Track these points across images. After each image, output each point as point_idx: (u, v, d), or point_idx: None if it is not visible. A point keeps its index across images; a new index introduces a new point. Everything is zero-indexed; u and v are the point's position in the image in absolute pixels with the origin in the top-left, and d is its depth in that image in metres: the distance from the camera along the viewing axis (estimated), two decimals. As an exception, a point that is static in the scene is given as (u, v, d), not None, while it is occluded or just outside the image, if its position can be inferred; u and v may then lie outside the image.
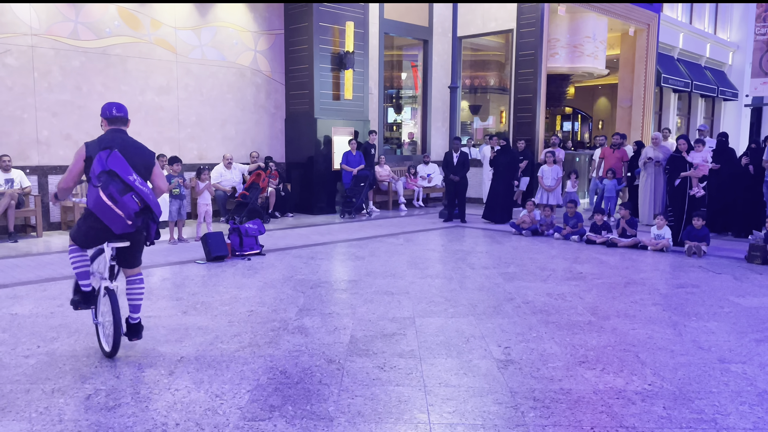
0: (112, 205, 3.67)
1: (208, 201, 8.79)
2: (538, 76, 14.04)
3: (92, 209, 3.77)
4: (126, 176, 3.70)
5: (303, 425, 3.05)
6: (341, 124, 11.96)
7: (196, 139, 10.99)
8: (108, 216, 3.73)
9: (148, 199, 3.77)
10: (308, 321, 4.82)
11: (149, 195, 3.79)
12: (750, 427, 3.08)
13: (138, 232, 3.95)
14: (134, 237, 3.98)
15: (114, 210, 3.69)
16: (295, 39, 11.78)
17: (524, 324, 4.79)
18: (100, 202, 3.68)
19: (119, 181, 3.69)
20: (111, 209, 3.69)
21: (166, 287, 5.93)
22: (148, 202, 3.77)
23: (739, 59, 24.85)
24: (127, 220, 3.74)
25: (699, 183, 8.51)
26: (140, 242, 4.05)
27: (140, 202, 3.75)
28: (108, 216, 3.73)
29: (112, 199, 3.66)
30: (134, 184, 3.72)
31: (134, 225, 3.82)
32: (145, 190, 3.76)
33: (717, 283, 6.31)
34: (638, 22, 16.64)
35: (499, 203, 10.88)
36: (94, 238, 3.94)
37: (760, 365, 3.95)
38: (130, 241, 3.97)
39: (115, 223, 3.75)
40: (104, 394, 3.40)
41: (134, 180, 3.73)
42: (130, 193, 3.70)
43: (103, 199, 3.67)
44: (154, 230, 4.02)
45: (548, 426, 3.07)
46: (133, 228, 3.85)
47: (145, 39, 10.20)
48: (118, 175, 3.69)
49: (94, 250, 4.12)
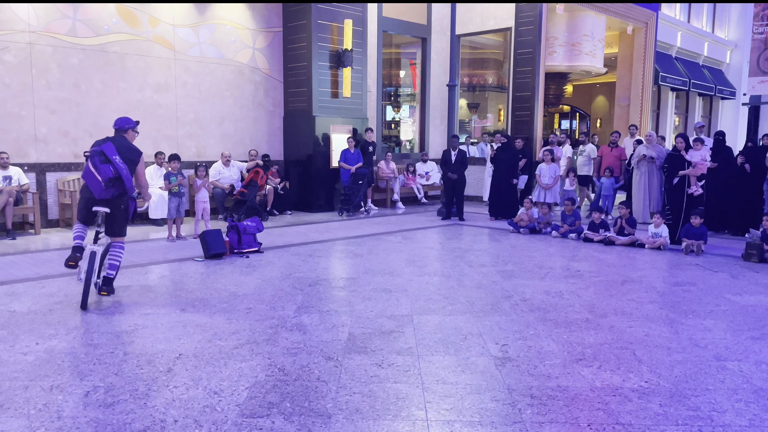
0: (94, 171, 4.83)
1: (206, 198, 8.79)
2: (536, 75, 14.05)
3: (83, 178, 4.96)
4: (111, 155, 4.86)
5: (301, 422, 3.06)
6: (340, 121, 11.97)
7: (194, 136, 10.99)
8: (90, 180, 4.87)
9: (122, 173, 4.85)
10: (306, 318, 4.83)
11: (124, 170, 4.87)
12: (746, 424, 3.10)
13: (115, 201, 5.03)
14: (113, 205, 5.05)
15: (94, 174, 4.83)
16: (293, 37, 11.78)
17: (522, 322, 4.81)
18: (87, 170, 4.88)
19: (104, 157, 4.85)
20: (92, 174, 4.84)
21: (164, 284, 5.94)
22: (121, 174, 4.85)
23: (737, 58, 24.88)
24: (102, 184, 4.82)
25: (697, 182, 8.53)
26: (119, 213, 5.12)
27: (114, 172, 4.83)
28: (90, 180, 4.87)
29: (95, 166, 4.83)
30: (114, 159, 4.85)
31: (109, 192, 4.90)
32: (121, 166, 4.87)
33: (714, 281, 6.34)
34: (636, 21, 16.66)
35: (503, 199, 10.99)
36: (84, 208, 5.08)
37: (756, 362, 3.97)
38: (110, 208, 5.04)
39: (96, 187, 4.86)
40: (103, 390, 3.41)
41: (115, 158, 4.87)
42: (108, 165, 4.84)
43: (89, 167, 4.87)
44: (133, 207, 5.30)
45: (545, 423, 3.08)
46: (110, 195, 4.93)
47: (143, 36, 10.19)
48: (105, 154, 4.86)
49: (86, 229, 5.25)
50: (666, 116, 21.70)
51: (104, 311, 4.97)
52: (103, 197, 4.94)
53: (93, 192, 4.92)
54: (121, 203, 5.10)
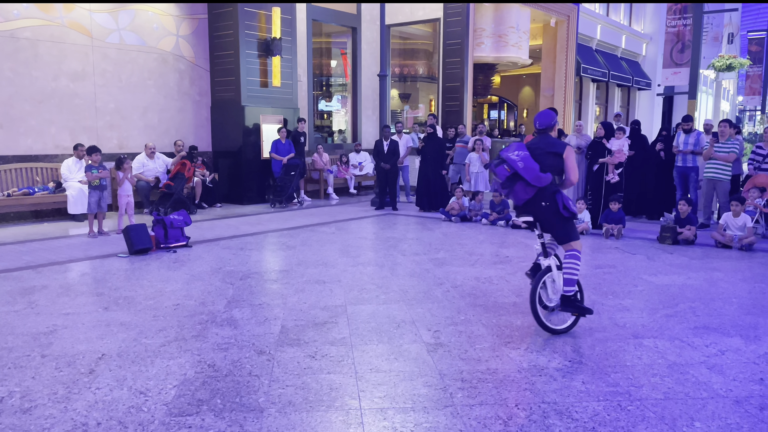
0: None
1: (130, 192, 8.44)
2: (465, 65, 14.28)
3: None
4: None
5: (232, 418, 3.01)
6: (270, 111, 11.76)
7: (115, 127, 10.51)
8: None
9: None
10: (237, 313, 4.74)
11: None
12: (661, 397, 3.29)
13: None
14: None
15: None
16: (219, 24, 11.45)
17: (453, 308, 4.91)
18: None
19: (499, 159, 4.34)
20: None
21: (85, 282, 5.67)
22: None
23: (652, 50, 26.20)
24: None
25: (615, 169, 8.94)
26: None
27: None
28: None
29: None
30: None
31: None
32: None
33: (632, 263, 6.67)
34: (559, 14, 17.22)
35: (430, 190, 11.00)
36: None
37: (670, 339, 4.21)
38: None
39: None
40: (19, 395, 3.23)
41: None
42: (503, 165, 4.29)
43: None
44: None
45: (475, 405, 3.16)
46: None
47: (57, 22, 9.62)
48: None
49: None
50: (588, 106, 22.61)
51: (19, 312, 4.69)
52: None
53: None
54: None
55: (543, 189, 4.23)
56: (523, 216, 4.44)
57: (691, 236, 7.74)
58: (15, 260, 6.54)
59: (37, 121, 9.54)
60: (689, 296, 5.34)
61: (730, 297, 5.33)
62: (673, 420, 3.02)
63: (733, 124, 9.18)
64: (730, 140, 8.79)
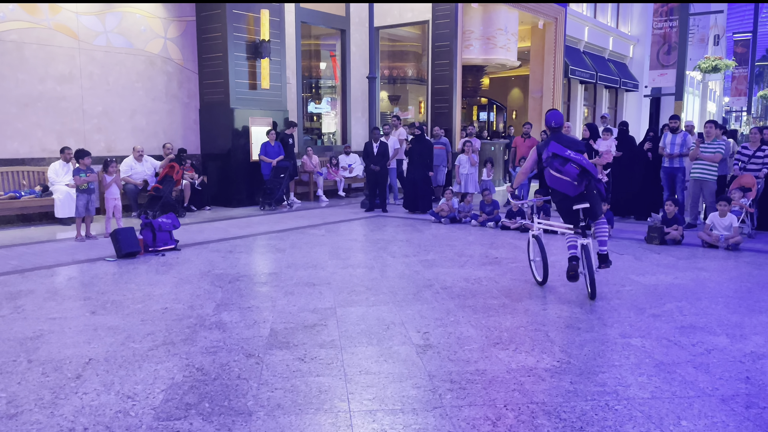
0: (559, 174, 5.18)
1: (117, 195, 8.39)
2: (454, 67, 14.34)
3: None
4: (562, 153, 5.12)
5: (221, 422, 3.00)
6: (259, 114, 11.73)
7: (103, 130, 10.45)
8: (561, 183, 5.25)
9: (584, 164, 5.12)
10: (226, 316, 4.72)
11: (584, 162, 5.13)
12: (648, 396, 3.31)
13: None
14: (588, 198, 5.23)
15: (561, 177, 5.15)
16: (207, 26, 11.41)
17: (442, 309, 4.92)
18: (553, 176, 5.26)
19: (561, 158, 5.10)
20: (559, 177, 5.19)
21: (72, 287, 5.63)
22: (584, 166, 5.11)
23: (639, 52, 26.42)
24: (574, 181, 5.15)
25: (603, 170, 9.00)
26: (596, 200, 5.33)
27: (578, 167, 5.11)
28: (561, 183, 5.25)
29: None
30: (569, 155, 5.09)
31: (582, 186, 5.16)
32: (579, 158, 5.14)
33: (620, 263, 6.71)
34: (547, 16, 17.31)
35: (418, 193, 10.99)
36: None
37: (657, 338, 4.25)
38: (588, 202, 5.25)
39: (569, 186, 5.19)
40: (4, 401, 3.20)
41: (569, 153, 5.09)
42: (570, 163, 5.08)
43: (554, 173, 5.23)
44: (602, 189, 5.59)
45: (464, 406, 3.17)
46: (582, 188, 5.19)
47: (43, 24, 9.55)
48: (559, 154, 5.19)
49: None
50: (576, 108, 22.75)
51: (5, 317, 4.65)
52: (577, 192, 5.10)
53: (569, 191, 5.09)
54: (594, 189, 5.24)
55: (593, 179, 5.16)
56: (578, 204, 5.19)
57: (678, 236, 7.80)
58: (1, 265, 6.48)
59: (24, 125, 9.46)
60: (676, 296, 5.38)
61: (717, 296, 5.38)
62: (660, 419, 3.04)
63: (719, 125, 9.27)
64: (716, 141, 8.87)
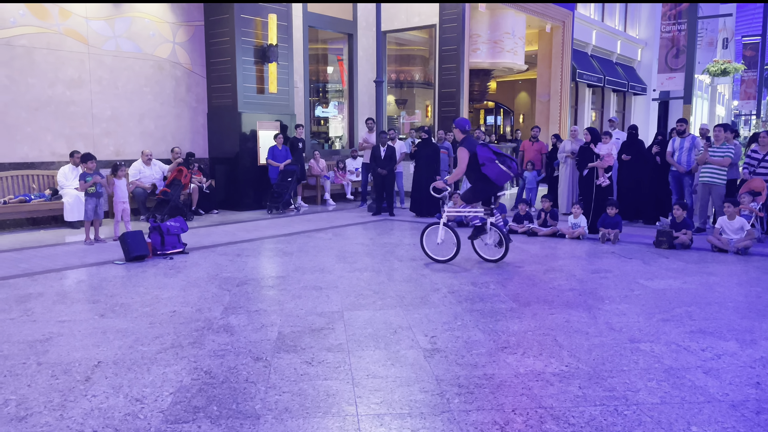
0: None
1: (125, 199, 8.43)
2: (460, 71, 14.34)
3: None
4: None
5: (228, 425, 3.00)
6: (266, 118, 11.77)
7: (112, 134, 10.51)
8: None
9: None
10: (234, 319, 4.74)
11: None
12: (657, 401, 3.29)
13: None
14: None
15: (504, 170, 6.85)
16: (215, 31, 11.47)
17: (450, 313, 4.91)
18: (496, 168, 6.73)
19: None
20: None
21: (81, 290, 5.66)
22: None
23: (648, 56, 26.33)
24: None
25: (605, 173, 8.98)
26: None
27: None
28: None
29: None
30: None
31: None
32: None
33: (628, 267, 6.68)
34: (554, 19, 17.30)
35: (424, 196, 10.98)
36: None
37: (666, 343, 4.22)
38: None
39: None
40: (14, 404, 3.22)
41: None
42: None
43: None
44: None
45: (472, 411, 3.16)
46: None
47: (53, 29, 9.64)
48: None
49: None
50: (584, 111, 22.69)
51: (15, 320, 4.68)
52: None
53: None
54: None
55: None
56: (498, 192, 6.83)
57: (687, 240, 7.76)
58: (11, 268, 6.53)
59: (34, 129, 9.54)
60: (685, 300, 5.35)
61: (726, 301, 5.35)
62: (669, 424, 3.02)
63: (728, 128, 9.19)
64: (725, 144, 8.82)
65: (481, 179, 6.68)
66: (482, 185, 6.72)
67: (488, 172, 6.53)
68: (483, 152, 6.57)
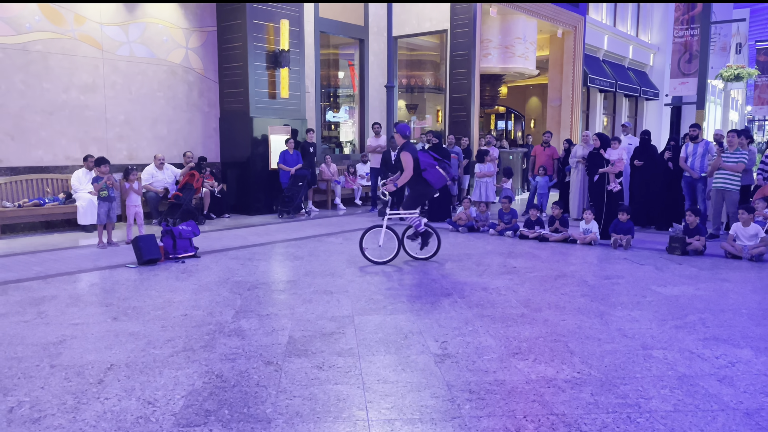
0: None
1: (138, 203, 8.50)
2: (472, 76, 14.33)
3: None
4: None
5: (240, 428, 3.01)
6: (278, 122, 11.83)
7: (125, 138, 10.61)
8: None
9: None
10: (245, 323, 4.75)
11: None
12: (671, 409, 3.26)
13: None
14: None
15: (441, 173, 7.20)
16: (228, 36, 11.55)
17: (461, 318, 4.90)
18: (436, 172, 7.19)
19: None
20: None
21: (94, 293, 5.71)
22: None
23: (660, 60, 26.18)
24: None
25: (615, 178, 8.93)
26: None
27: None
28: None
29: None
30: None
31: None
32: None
33: (640, 273, 6.64)
34: (565, 24, 17.26)
35: (435, 201, 10.96)
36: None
37: (679, 350, 4.19)
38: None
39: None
40: (28, 405, 3.25)
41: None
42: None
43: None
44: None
45: (483, 417, 3.15)
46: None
47: (68, 35, 9.75)
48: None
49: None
50: (595, 116, 22.59)
51: (29, 322, 4.72)
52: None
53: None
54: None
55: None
56: (435, 194, 7.34)
57: (700, 246, 7.69)
58: (25, 270, 6.60)
59: (48, 133, 9.64)
60: (699, 307, 5.30)
61: (740, 308, 5.29)
62: (683, 432, 2.99)
63: (742, 134, 9.10)
64: (738, 150, 8.75)
65: (420, 183, 7.02)
66: (422, 189, 7.07)
67: (429, 176, 6.91)
68: (424, 157, 6.97)
